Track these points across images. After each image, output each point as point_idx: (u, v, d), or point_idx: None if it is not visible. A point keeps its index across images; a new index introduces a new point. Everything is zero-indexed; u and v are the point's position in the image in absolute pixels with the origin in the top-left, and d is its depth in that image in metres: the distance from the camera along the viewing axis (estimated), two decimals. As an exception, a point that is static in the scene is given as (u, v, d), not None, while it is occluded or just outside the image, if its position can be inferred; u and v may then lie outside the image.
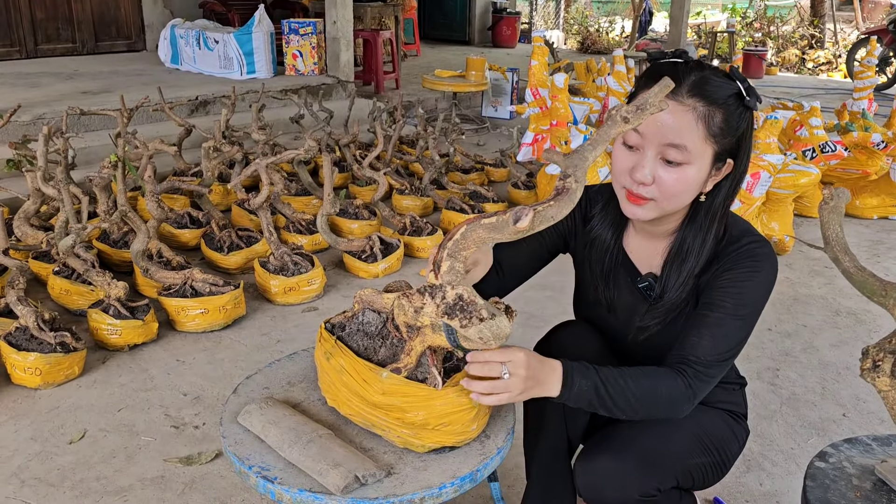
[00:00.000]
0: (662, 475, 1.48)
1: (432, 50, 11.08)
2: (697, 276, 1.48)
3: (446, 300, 1.14)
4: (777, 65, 12.09)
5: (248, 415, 1.42)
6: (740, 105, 1.38)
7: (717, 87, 1.36)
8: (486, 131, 6.92)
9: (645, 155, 1.37)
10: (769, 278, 1.45)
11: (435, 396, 1.28)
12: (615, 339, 1.64)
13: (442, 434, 1.31)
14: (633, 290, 1.58)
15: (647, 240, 1.56)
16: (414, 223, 3.91)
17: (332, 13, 6.56)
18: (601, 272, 1.61)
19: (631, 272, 1.59)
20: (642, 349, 1.60)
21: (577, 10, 15.66)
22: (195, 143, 4.77)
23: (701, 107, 1.34)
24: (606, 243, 1.60)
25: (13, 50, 7.27)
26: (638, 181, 1.38)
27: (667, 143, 1.35)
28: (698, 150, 1.36)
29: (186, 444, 2.31)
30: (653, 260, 1.56)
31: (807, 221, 4.60)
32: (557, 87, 4.11)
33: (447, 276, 1.15)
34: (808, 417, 2.56)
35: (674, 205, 1.41)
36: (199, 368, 2.73)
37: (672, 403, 1.40)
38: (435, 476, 1.29)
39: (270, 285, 3.21)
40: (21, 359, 2.51)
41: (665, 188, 1.38)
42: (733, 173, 1.44)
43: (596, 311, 1.66)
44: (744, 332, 1.45)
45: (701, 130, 1.35)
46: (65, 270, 3.08)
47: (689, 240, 1.48)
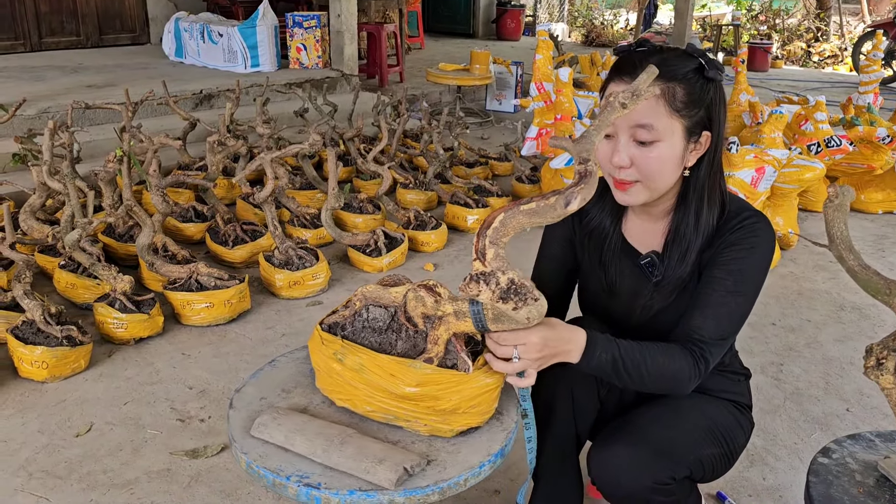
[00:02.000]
0: (676, 464, 1.51)
1: (436, 43, 11.06)
2: (700, 251, 1.52)
3: (500, 285, 1.19)
4: (782, 58, 12.05)
5: (263, 427, 1.37)
6: (701, 77, 1.44)
7: (673, 65, 1.42)
8: (490, 125, 6.92)
9: (619, 140, 1.44)
10: (768, 252, 1.50)
11: (466, 380, 1.31)
12: (619, 323, 1.66)
13: (470, 416, 1.35)
14: (635, 271, 1.61)
15: (647, 222, 1.60)
16: (418, 217, 3.91)
17: (336, 6, 6.55)
18: (600, 260, 1.64)
19: (631, 255, 1.62)
20: (647, 329, 1.62)
21: (582, 3, 15.61)
22: (200, 136, 4.78)
23: (660, 85, 1.40)
24: (605, 231, 1.63)
25: (17, 43, 7.27)
26: (616, 165, 1.44)
27: (635, 125, 1.41)
28: (665, 127, 1.41)
29: (192, 437, 2.33)
30: (653, 240, 1.60)
31: (811, 216, 4.59)
32: (562, 82, 4.10)
33: (495, 263, 1.19)
34: (811, 412, 2.57)
35: (658, 183, 1.46)
36: (204, 362, 2.75)
37: (679, 382, 1.45)
38: (472, 456, 1.33)
39: (275, 279, 3.22)
40: (28, 352, 2.53)
41: (643, 167, 1.43)
42: (711, 145, 1.48)
43: (599, 298, 1.68)
44: (746, 307, 1.50)
45: (663, 107, 1.40)
46: (71, 264, 3.09)
47: (686, 217, 1.52)
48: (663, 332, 1.57)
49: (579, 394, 1.64)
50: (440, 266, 3.68)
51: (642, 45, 1.49)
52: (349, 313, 1.46)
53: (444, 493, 1.26)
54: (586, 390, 1.64)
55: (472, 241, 4.00)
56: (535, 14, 13.88)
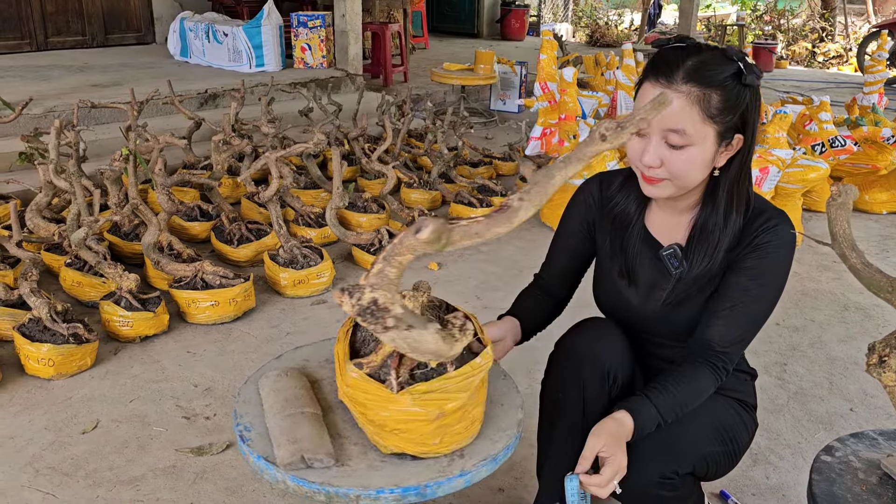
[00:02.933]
0: (681, 459, 1.54)
1: (441, 43, 11.07)
2: (727, 250, 1.54)
3: (361, 302, 1.10)
4: (787, 58, 12.03)
5: (265, 378, 1.50)
6: (739, 83, 1.42)
7: (712, 69, 1.41)
8: (494, 125, 6.92)
9: (650, 141, 1.44)
10: (791, 254, 1.54)
11: (392, 400, 1.27)
12: (635, 313, 1.67)
13: (401, 440, 1.30)
14: (655, 263, 1.62)
15: (670, 214, 1.61)
16: (422, 216, 3.92)
17: (340, 6, 6.56)
18: (621, 246, 1.65)
19: (652, 246, 1.63)
20: (662, 322, 1.64)
21: (587, 3, 15.60)
22: (205, 135, 4.79)
23: (696, 91, 1.39)
24: (630, 217, 1.65)
25: (24, 43, 7.30)
26: (646, 164, 1.46)
27: (667, 129, 1.42)
28: (698, 132, 1.41)
29: (198, 434, 2.34)
30: (676, 233, 1.61)
31: (815, 216, 4.59)
32: (566, 82, 4.10)
33: (373, 279, 1.11)
34: (815, 412, 2.57)
35: (686, 182, 1.48)
36: (209, 360, 2.76)
37: (706, 395, 1.54)
38: (381, 478, 1.27)
39: (280, 278, 3.23)
40: (34, 350, 2.54)
41: (673, 169, 1.45)
42: (743, 147, 1.49)
43: (615, 285, 1.69)
44: (768, 311, 1.54)
45: (697, 113, 1.40)
46: (77, 262, 3.11)
47: (713, 214, 1.53)
48: (677, 324, 1.62)
49: (590, 391, 1.65)
50: (444, 265, 3.69)
51: (681, 42, 1.47)
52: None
53: (329, 498, 1.24)
54: (596, 387, 1.65)
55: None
56: (540, 14, 13.88)
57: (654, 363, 1.74)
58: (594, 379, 1.62)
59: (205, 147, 4.68)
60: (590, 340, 1.64)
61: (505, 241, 4.03)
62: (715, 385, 1.54)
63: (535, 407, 1.75)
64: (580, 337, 1.68)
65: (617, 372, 1.61)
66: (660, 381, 1.52)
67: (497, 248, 3.92)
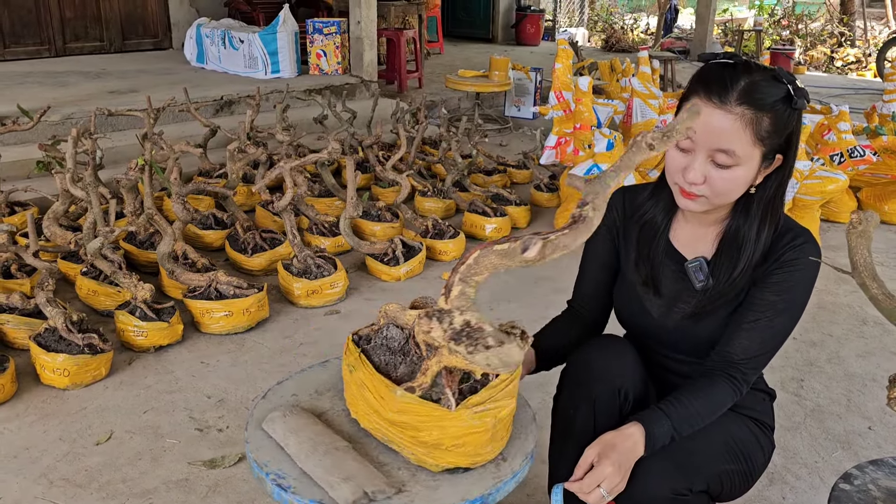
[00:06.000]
0: (695, 476, 1.52)
1: (455, 48, 11.07)
2: (755, 266, 1.54)
3: (454, 325, 1.12)
4: (805, 63, 11.93)
5: (271, 422, 1.44)
6: (788, 107, 1.43)
7: (765, 92, 1.41)
8: (508, 131, 6.91)
9: (696, 158, 1.44)
10: (815, 274, 1.54)
11: (448, 417, 1.27)
12: (655, 325, 1.67)
13: (456, 455, 1.31)
14: (679, 275, 1.62)
15: (696, 227, 1.62)
16: (436, 226, 3.92)
17: (356, 13, 6.58)
18: (648, 254, 1.65)
19: (675, 258, 1.63)
20: (681, 336, 1.64)
21: (602, 7, 15.55)
22: (220, 142, 4.82)
23: (749, 113, 1.39)
24: (657, 226, 1.65)
25: (43, 48, 7.38)
26: (689, 181, 1.45)
27: (716, 148, 1.41)
28: (747, 154, 1.42)
29: (210, 447, 2.34)
30: (702, 246, 1.61)
31: (833, 227, 4.54)
32: (581, 91, 4.08)
33: (457, 301, 1.13)
34: (832, 430, 2.54)
35: (724, 200, 1.49)
36: (222, 371, 2.76)
37: (722, 409, 1.53)
38: (445, 496, 1.28)
39: (293, 288, 3.24)
40: (50, 360, 2.56)
41: (715, 187, 1.45)
42: (782, 166, 1.50)
43: (637, 295, 1.68)
44: (790, 329, 1.55)
45: (749, 136, 1.40)
46: (92, 271, 3.13)
47: (744, 229, 1.53)
48: (697, 339, 1.61)
49: (601, 408, 1.63)
50: (458, 275, 3.68)
51: (730, 59, 1.47)
52: (376, 328, 1.47)
53: None
54: (608, 404, 1.64)
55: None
56: (555, 19, 13.85)
57: (670, 379, 1.73)
58: (605, 396, 1.61)
59: (220, 154, 4.70)
60: (602, 357, 1.64)
61: (519, 250, 4.01)
62: (732, 399, 1.53)
63: (547, 420, 1.74)
64: (592, 354, 1.67)
65: (629, 389, 1.60)
66: (675, 395, 1.52)
67: (511, 258, 3.90)
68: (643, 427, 1.45)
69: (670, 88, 8.44)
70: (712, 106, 1.41)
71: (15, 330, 2.79)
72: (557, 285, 3.50)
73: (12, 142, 4.57)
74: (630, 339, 1.78)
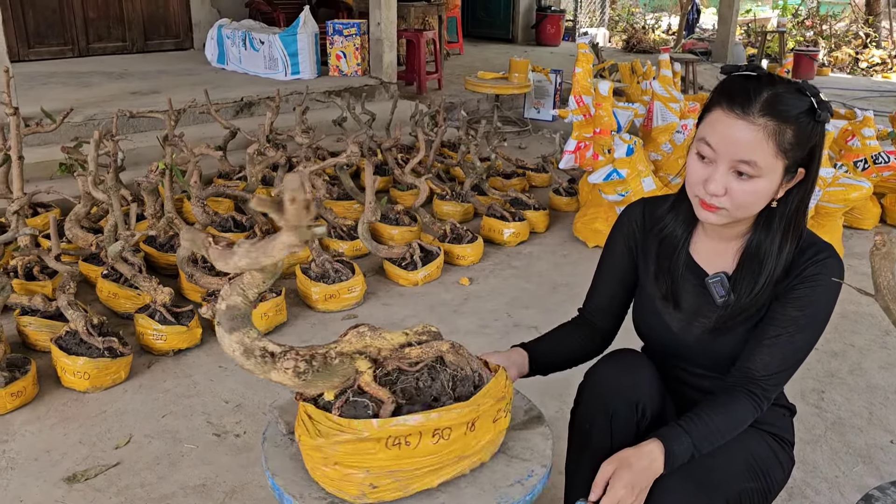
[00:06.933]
0: (714, 494, 1.51)
1: (475, 48, 11.05)
2: (776, 282, 1.52)
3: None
4: (829, 65, 11.78)
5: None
6: (812, 120, 1.41)
7: (788, 104, 1.39)
8: (527, 134, 6.88)
9: (717, 169, 1.43)
10: (838, 290, 1.52)
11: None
12: (675, 340, 1.66)
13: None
14: (700, 290, 1.61)
15: (717, 241, 1.60)
16: (454, 230, 3.91)
17: (376, 14, 6.58)
18: (669, 268, 1.64)
19: (696, 273, 1.62)
20: (702, 351, 1.63)
21: (623, 7, 15.46)
22: (240, 144, 4.84)
23: (772, 125, 1.38)
24: (677, 239, 1.64)
25: (66, 49, 7.45)
26: (710, 193, 1.44)
27: (738, 159, 1.40)
28: (769, 165, 1.40)
29: (227, 452, 2.35)
30: (723, 261, 1.60)
31: (856, 234, 4.48)
32: (601, 95, 4.06)
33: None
34: (854, 444, 2.50)
35: (745, 213, 1.48)
36: (240, 375, 2.78)
37: (743, 426, 1.52)
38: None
39: (311, 292, 3.25)
40: (70, 363, 2.58)
41: (736, 199, 1.43)
42: (805, 180, 1.48)
43: (657, 309, 1.67)
44: (811, 345, 1.53)
45: (772, 147, 1.39)
46: (113, 274, 3.16)
47: (766, 244, 1.52)
48: (717, 354, 1.60)
49: (618, 422, 1.62)
50: (475, 280, 3.68)
51: (753, 71, 1.46)
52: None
53: None
54: (625, 418, 1.63)
55: (508, 255, 4.00)
56: (576, 19, 13.78)
57: (689, 394, 1.71)
58: (622, 410, 1.60)
59: (240, 156, 4.72)
60: (619, 371, 1.63)
61: (537, 256, 4.00)
62: (753, 416, 1.52)
63: (564, 431, 1.73)
64: (609, 368, 1.66)
65: (646, 404, 1.59)
66: (695, 411, 1.51)
67: (529, 264, 3.89)
68: (663, 444, 1.44)
69: (691, 90, 8.37)
70: (734, 117, 1.40)
71: (37, 332, 2.83)
72: (575, 291, 3.48)
73: (36, 143, 4.62)
74: (648, 352, 1.77)
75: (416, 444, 1.22)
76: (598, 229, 4.07)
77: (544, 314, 3.32)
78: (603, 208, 4.08)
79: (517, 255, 4.02)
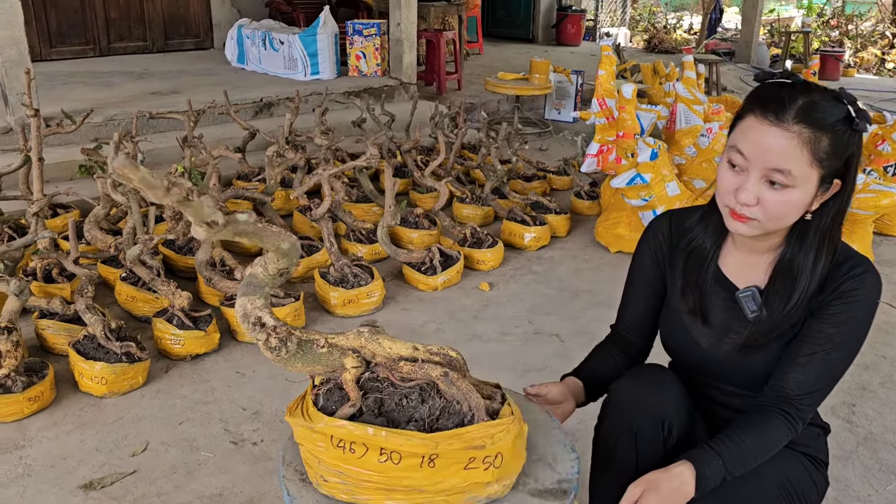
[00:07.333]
0: None
1: (495, 48, 10.98)
2: (811, 297, 1.46)
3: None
4: (855, 66, 11.59)
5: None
6: (849, 128, 1.35)
7: (824, 112, 1.34)
8: (548, 135, 6.82)
9: (749, 178, 1.37)
10: (875, 306, 1.47)
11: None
12: (704, 356, 1.60)
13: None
14: (730, 304, 1.55)
15: (748, 254, 1.54)
16: (474, 234, 3.86)
17: (396, 15, 6.54)
18: (696, 281, 1.58)
19: (726, 287, 1.56)
20: (732, 368, 1.57)
21: (644, 7, 15.32)
22: (259, 145, 4.82)
23: (807, 132, 1.32)
24: (705, 252, 1.58)
25: (88, 48, 7.49)
26: (742, 202, 1.38)
27: (771, 168, 1.34)
28: (803, 175, 1.34)
29: (245, 461, 2.32)
30: (754, 275, 1.54)
31: (886, 241, 4.37)
32: (625, 98, 3.99)
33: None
34: (886, 460, 2.43)
35: (778, 225, 1.42)
36: (258, 382, 2.75)
37: (777, 448, 1.47)
38: None
39: (330, 297, 3.21)
40: (88, 368, 2.56)
41: (769, 210, 1.38)
42: (840, 193, 1.42)
43: (684, 323, 1.62)
44: (848, 363, 1.49)
45: (806, 156, 1.33)
46: (132, 277, 3.14)
47: (800, 258, 1.46)
48: (749, 372, 1.55)
49: (643, 441, 1.57)
50: (496, 286, 3.62)
51: (788, 78, 1.40)
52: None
53: None
54: (650, 436, 1.57)
55: (528, 260, 3.94)
56: (596, 18, 13.67)
57: (718, 412, 1.66)
58: (648, 427, 1.55)
59: (259, 157, 4.71)
60: (644, 388, 1.58)
61: (558, 261, 3.94)
62: (787, 437, 1.47)
63: (584, 443, 1.69)
64: (634, 384, 1.61)
65: (673, 421, 1.54)
66: (726, 432, 1.46)
67: (550, 269, 3.84)
68: (694, 467, 1.39)
69: (714, 92, 8.26)
70: (768, 123, 1.34)
71: (55, 335, 2.82)
72: (597, 298, 3.42)
73: (57, 143, 4.63)
74: (675, 368, 1.71)
75: (360, 454, 1.22)
76: (620, 234, 4.01)
77: (566, 321, 3.26)
78: (626, 213, 4.01)
79: (538, 259, 3.96)
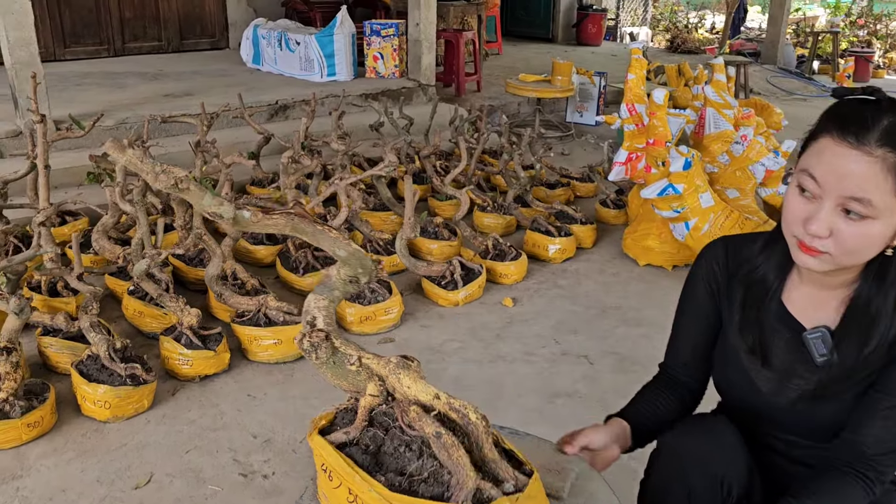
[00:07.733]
0: None
1: (515, 48, 10.79)
2: (890, 344, 1.28)
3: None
4: (884, 67, 11.29)
5: None
6: None
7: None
8: (571, 139, 6.63)
9: (822, 206, 1.19)
10: None
11: None
12: (765, 403, 1.43)
13: None
14: (795, 346, 1.38)
15: (817, 290, 1.36)
16: (496, 246, 3.69)
17: (414, 15, 6.37)
18: (757, 317, 1.41)
19: (792, 327, 1.38)
20: (797, 418, 1.40)
21: (666, 6, 15.07)
22: (274, 149, 4.68)
23: (893, 158, 1.15)
24: (768, 285, 1.40)
25: (102, 48, 7.39)
26: (812, 233, 1.21)
27: (848, 196, 1.16)
28: (886, 205, 1.16)
29: (254, 496, 2.17)
30: (822, 313, 1.36)
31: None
32: (656, 104, 3.80)
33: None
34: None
35: (853, 260, 1.24)
36: (270, 405, 2.60)
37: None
38: None
39: (346, 313, 3.06)
40: (91, 391, 2.43)
41: (843, 244, 1.20)
42: None
43: (745, 366, 1.44)
44: None
45: (891, 184, 1.15)
46: (139, 291, 3.00)
47: (878, 299, 1.28)
48: (816, 422, 1.38)
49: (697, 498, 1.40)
50: (519, 301, 3.45)
51: (871, 94, 1.22)
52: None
53: None
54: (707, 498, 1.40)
55: (553, 273, 3.77)
56: (618, 17, 13.43)
57: (778, 462, 1.48)
58: (704, 487, 1.38)
59: (274, 161, 4.56)
60: (699, 441, 1.40)
61: (584, 274, 3.76)
62: (864, 501, 1.29)
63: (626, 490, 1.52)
64: (688, 436, 1.44)
65: (732, 480, 1.37)
66: (798, 498, 1.29)
67: (576, 283, 3.66)
68: None
69: (743, 95, 8.03)
70: (847, 146, 1.16)
71: (58, 354, 2.68)
72: (626, 316, 3.24)
73: (66, 147, 4.49)
74: (727, 412, 1.54)
75: (336, 483, 1.18)
76: (650, 247, 3.82)
77: (594, 340, 3.09)
78: (656, 224, 3.83)
79: (563, 273, 3.78)
